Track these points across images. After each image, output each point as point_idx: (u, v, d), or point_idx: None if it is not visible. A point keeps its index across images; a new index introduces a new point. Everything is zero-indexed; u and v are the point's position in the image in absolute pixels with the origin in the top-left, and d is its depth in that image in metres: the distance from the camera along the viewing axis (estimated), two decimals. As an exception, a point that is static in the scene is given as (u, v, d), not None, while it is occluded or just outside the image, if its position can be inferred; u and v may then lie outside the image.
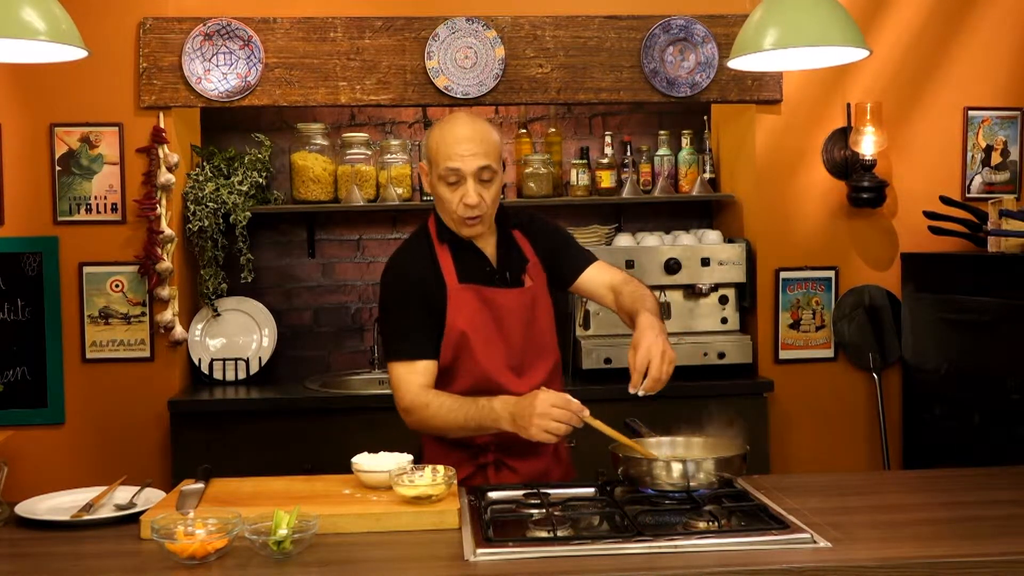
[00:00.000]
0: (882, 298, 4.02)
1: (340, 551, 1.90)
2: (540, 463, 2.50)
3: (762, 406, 3.81)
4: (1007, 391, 3.31)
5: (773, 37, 2.40)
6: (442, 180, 2.36)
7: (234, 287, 4.03)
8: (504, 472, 2.47)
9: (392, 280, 2.46)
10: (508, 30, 3.86)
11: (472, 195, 2.33)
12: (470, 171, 2.33)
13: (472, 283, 2.41)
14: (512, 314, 2.43)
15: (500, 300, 2.42)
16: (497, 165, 2.37)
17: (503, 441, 2.41)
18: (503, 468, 2.47)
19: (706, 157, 4.21)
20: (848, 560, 1.80)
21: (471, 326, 2.39)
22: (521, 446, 2.38)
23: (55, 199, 3.74)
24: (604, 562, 1.81)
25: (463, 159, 2.32)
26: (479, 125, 2.38)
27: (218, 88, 3.76)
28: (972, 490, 2.30)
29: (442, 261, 2.43)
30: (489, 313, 2.41)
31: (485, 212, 2.38)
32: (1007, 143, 4.08)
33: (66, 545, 1.97)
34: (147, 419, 3.76)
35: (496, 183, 2.38)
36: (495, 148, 2.38)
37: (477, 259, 2.45)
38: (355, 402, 3.71)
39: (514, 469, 2.47)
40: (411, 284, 2.41)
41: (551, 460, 2.53)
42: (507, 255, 2.48)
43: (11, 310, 3.74)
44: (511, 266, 2.47)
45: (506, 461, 2.47)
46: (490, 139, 2.37)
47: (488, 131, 2.38)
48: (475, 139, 2.34)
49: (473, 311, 2.40)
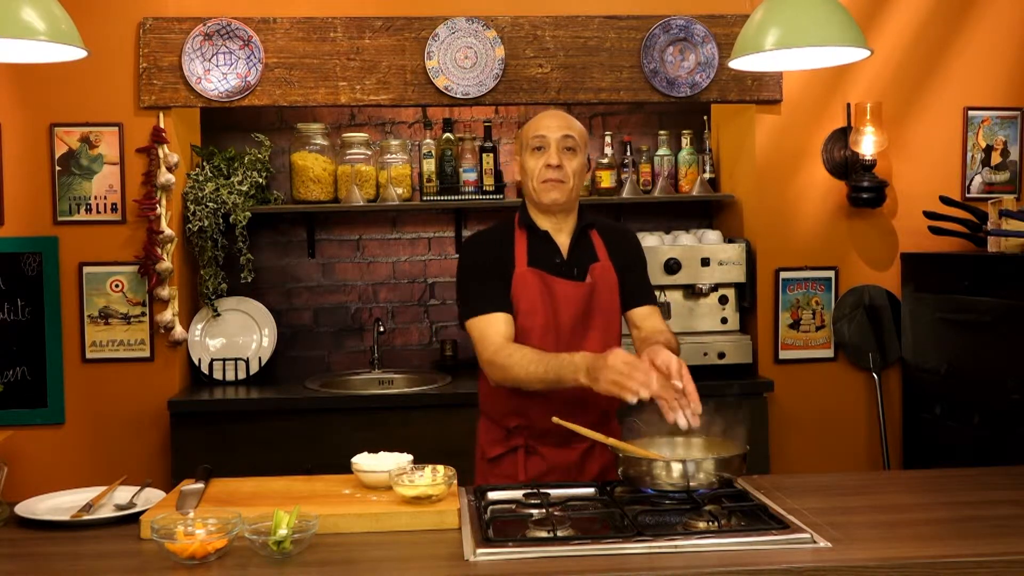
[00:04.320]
0: (882, 298, 4.02)
1: (340, 551, 1.90)
2: (571, 455, 2.52)
3: (762, 406, 3.81)
4: (1007, 391, 3.31)
5: (774, 37, 2.40)
6: (529, 150, 2.52)
7: (234, 287, 4.03)
8: (534, 459, 2.51)
9: (470, 250, 2.62)
10: (508, 30, 3.86)
11: (554, 156, 2.49)
12: (555, 138, 2.50)
13: (539, 268, 2.51)
14: (570, 305, 2.50)
15: (561, 289, 2.51)
16: (581, 147, 2.54)
17: (536, 428, 2.48)
18: (533, 454, 2.52)
19: (706, 157, 4.21)
20: (848, 560, 1.80)
21: (530, 308, 2.48)
22: (556, 437, 2.47)
23: (55, 199, 3.74)
24: (604, 562, 1.81)
25: (549, 128, 2.52)
26: (568, 115, 2.58)
27: (218, 88, 3.76)
28: (972, 490, 2.30)
29: (517, 244, 2.55)
30: (548, 299, 2.50)
31: (566, 179, 2.50)
32: (1007, 143, 4.08)
33: (66, 545, 1.97)
34: (147, 419, 3.76)
35: (579, 160, 2.53)
36: (581, 133, 2.55)
37: (549, 248, 2.55)
38: (355, 402, 3.71)
39: (543, 456, 2.51)
40: (487, 255, 2.55)
41: (583, 457, 2.54)
42: (578, 249, 2.57)
43: (11, 310, 3.74)
44: (580, 261, 2.56)
45: (537, 448, 2.52)
46: (576, 125, 2.56)
47: (575, 120, 2.57)
48: (562, 118, 2.54)
49: (534, 295, 2.49)
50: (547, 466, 2.50)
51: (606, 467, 2.55)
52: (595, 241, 2.60)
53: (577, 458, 2.53)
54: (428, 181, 4.08)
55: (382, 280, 4.34)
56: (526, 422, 2.51)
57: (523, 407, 2.50)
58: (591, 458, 2.55)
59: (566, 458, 2.51)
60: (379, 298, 4.34)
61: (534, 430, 2.51)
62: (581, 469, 2.52)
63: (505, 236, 2.57)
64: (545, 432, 2.47)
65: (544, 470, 2.50)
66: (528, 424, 2.51)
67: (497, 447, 2.56)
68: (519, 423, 2.52)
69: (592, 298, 2.53)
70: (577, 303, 2.51)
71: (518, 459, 2.52)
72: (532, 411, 2.49)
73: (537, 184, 2.51)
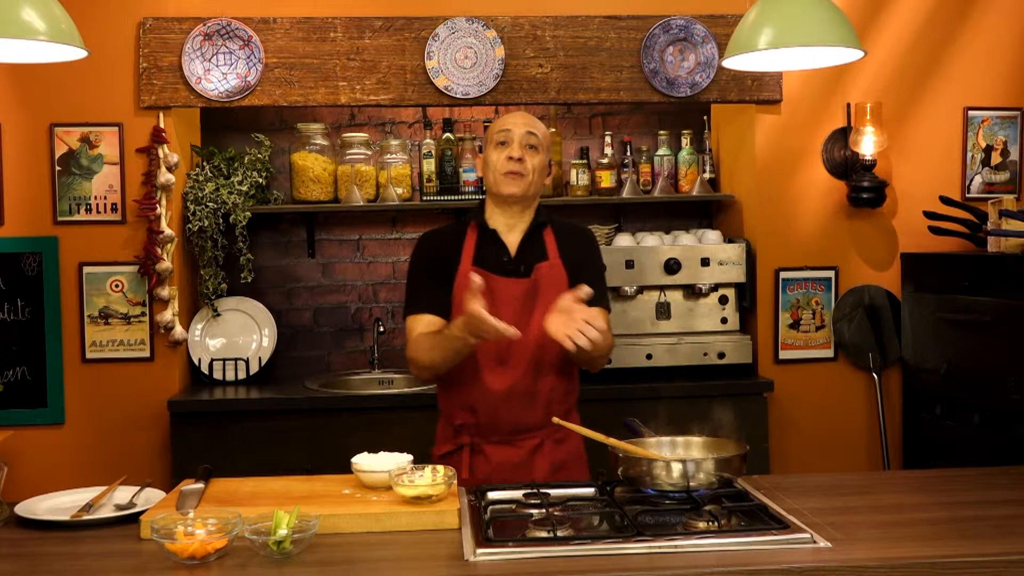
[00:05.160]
0: (882, 298, 4.02)
1: (340, 551, 1.90)
2: (517, 454, 2.54)
3: (762, 406, 3.81)
4: (1007, 391, 3.31)
5: (767, 37, 2.40)
6: (492, 144, 2.59)
7: (234, 287, 4.03)
8: (478, 458, 2.53)
9: (419, 248, 2.68)
10: (508, 30, 3.86)
11: (517, 150, 2.55)
12: (519, 133, 2.57)
13: (483, 267, 2.55)
14: (508, 303, 2.51)
15: (501, 289, 2.53)
16: (544, 147, 2.60)
17: (483, 425, 2.53)
18: (478, 453, 2.54)
19: (706, 157, 4.21)
20: (848, 560, 1.80)
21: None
22: (500, 435, 2.52)
23: (55, 199, 3.74)
24: (604, 562, 1.81)
25: (515, 124, 2.59)
26: (534, 117, 2.66)
27: (218, 88, 3.76)
28: (972, 490, 2.30)
29: (466, 243, 2.60)
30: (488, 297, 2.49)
31: (526, 173, 2.55)
32: (1007, 143, 4.08)
33: (66, 545, 1.97)
34: (147, 419, 3.76)
35: (540, 158, 2.59)
36: (545, 135, 2.62)
37: (496, 247, 2.59)
38: (355, 402, 3.71)
39: (487, 456, 2.53)
40: (433, 252, 2.63)
41: (531, 455, 2.56)
42: (528, 248, 2.60)
43: (11, 310, 3.74)
44: (527, 259, 2.59)
45: (482, 447, 2.55)
46: (542, 126, 2.63)
47: (541, 123, 2.65)
48: (527, 118, 2.63)
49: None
50: (492, 466, 2.52)
51: (557, 466, 2.56)
52: (548, 240, 2.62)
53: (525, 457, 2.55)
54: (428, 181, 4.08)
55: (382, 280, 4.34)
56: (473, 419, 2.55)
57: (470, 403, 2.54)
58: (540, 456, 2.56)
59: (512, 457, 2.53)
60: (379, 298, 4.34)
61: (480, 428, 2.54)
62: (529, 468, 2.53)
63: (456, 235, 2.63)
64: (491, 430, 2.53)
65: (489, 470, 2.52)
66: (475, 422, 2.55)
67: (446, 444, 2.60)
68: (465, 421, 2.56)
69: (534, 296, 2.55)
70: (515, 301, 2.53)
71: (463, 457, 2.55)
72: (479, 407, 2.53)
73: (498, 176, 2.56)
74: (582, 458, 2.66)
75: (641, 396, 3.65)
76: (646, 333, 3.92)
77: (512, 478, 2.43)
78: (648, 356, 3.83)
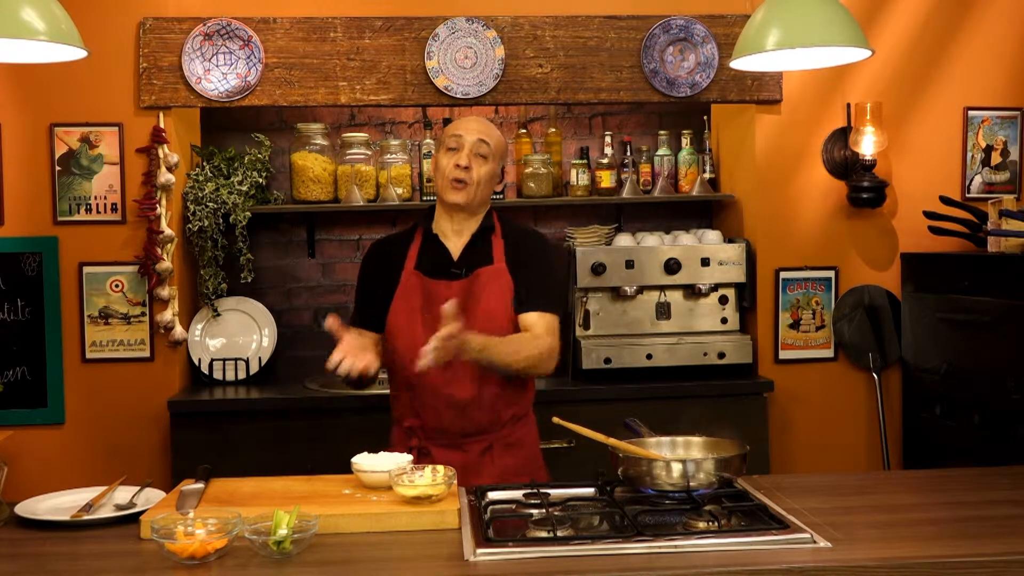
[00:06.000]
0: (882, 298, 4.02)
1: (340, 551, 1.90)
2: (465, 458, 2.54)
3: (762, 406, 3.81)
4: (1007, 391, 3.31)
5: (775, 38, 2.40)
6: (444, 148, 2.59)
7: (234, 287, 4.03)
8: (425, 461, 2.50)
9: (366, 257, 2.75)
10: (508, 30, 3.86)
11: (464, 158, 2.55)
12: (469, 140, 2.57)
13: (423, 271, 2.59)
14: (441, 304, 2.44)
15: (437, 290, 2.55)
16: (495, 155, 2.60)
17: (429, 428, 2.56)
18: (425, 456, 2.55)
19: (706, 157, 4.21)
20: (848, 560, 1.80)
21: (406, 310, 2.56)
22: (447, 437, 2.54)
23: (55, 199, 3.74)
24: (604, 562, 1.81)
25: (467, 131, 2.59)
26: (491, 124, 2.66)
27: (218, 88, 3.76)
28: (972, 490, 2.30)
29: (411, 248, 2.64)
30: (423, 301, 2.56)
31: (471, 182, 2.55)
32: (1007, 143, 4.08)
33: (66, 545, 1.97)
34: (147, 419, 3.76)
35: (489, 167, 2.59)
36: (498, 143, 2.62)
37: (439, 252, 2.61)
38: (355, 402, 3.71)
39: (434, 458, 2.52)
40: (377, 263, 2.68)
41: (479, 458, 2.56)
42: (472, 252, 2.61)
43: (11, 310, 3.74)
44: (471, 263, 2.60)
45: (429, 448, 2.56)
46: (495, 133, 2.63)
47: (496, 130, 2.65)
48: (482, 124, 2.63)
49: (412, 297, 2.57)
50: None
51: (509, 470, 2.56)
52: (495, 244, 2.62)
53: (474, 459, 2.55)
54: (428, 181, 4.08)
55: (382, 280, 4.34)
56: (419, 422, 2.57)
57: (415, 407, 2.56)
58: (490, 460, 2.56)
59: (460, 459, 2.51)
60: (379, 298, 4.34)
61: (427, 431, 2.57)
62: (479, 472, 2.52)
63: (403, 241, 2.67)
64: (437, 434, 2.55)
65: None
66: (421, 424, 2.57)
67: (398, 447, 2.59)
68: (412, 424, 2.59)
69: (469, 298, 2.53)
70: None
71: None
72: (424, 411, 2.55)
73: (444, 182, 2.57)
74: (540, 465, 2.66)
75: (641, 396, 3.65)
76: (646, 333, 3.92)
77: (461, 481, 2.35)
78: (648, 356, 3.83)
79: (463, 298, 2.51)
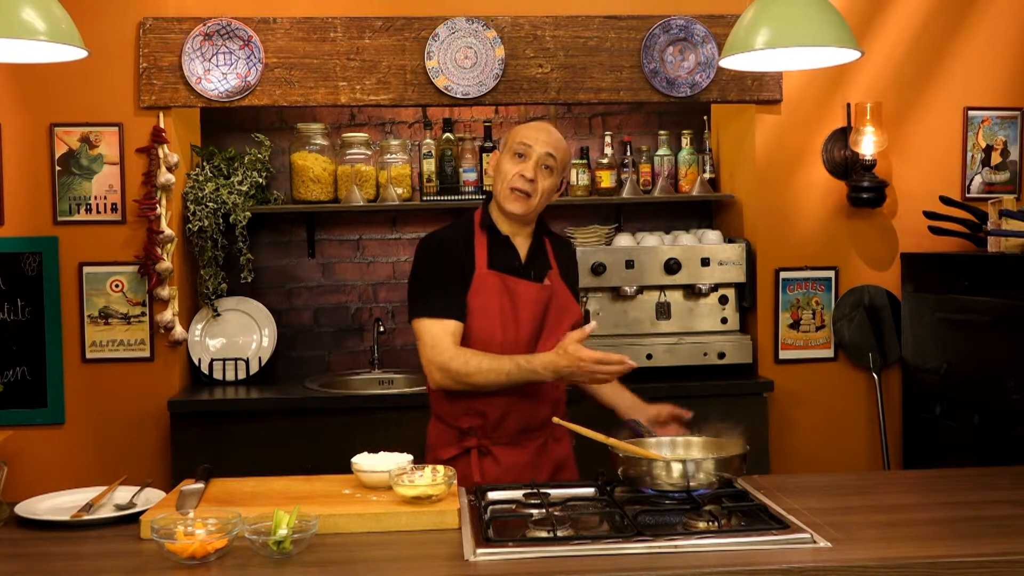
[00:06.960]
0: (882, 298, 4.02)
1: (340, 551, 1.90)
2: (524, 455, 2.54)
3: (762, 406, 3.81)
4: (1007, 391, 3.31)
5: (764, 37, 2.39)
6: (510, 152, 2.55)
7: (234, 287, 4.03)
8: (487, 460, 2.52)
9: (430, 248, 2.58)
10: (508, 30, 3.86)
11: (530, 169, 2.51)
12: (538, 152, 2.53)
13: (499, 271, 2.54)
14: (529, 306, 2.54)
15: (521, 291, 2.54)
16: (559, 169, 2.57)
17: (489, 428, 2.51)
18: (486, 455, 2.53)
19: (706, 157, 4.21)
20: (848, 560, 1.80)
21: (489, 310, 2.51)
22: (508, 436, 2.52)
23: (55, 199, 3.74)
24: (604, 562, 1.81)
25: (537, 141, 2.54)
26: (560, 135, 2.61)
27: (218, 88, 3.76)
28: (972, 490, 2.30)
29: (477, 246, 2.56)
30: (509, 301, 2.53)
31: (534, 195, 2.53)
32: (1007, 143, 4.08)
33: (66, 545, 1.97)
34: (147, 419, 3.76)
35: (552, 180, 2.57)
36: (564, 156, 2.59)
37: (509, 251, 2.58)
38: (355, 402, 3.71)
39: (497, 458, 2.52)
40: (448, 253, 2.55)
41: (536, 455, 2.56)
42: (535, 255, 2.62)
43: (11, 310, 3.74)
44: (537, 265, 2.61)
45: (490, 449, 2.53)
46: (564, 147, 2.59)
47: (564, 142, 2.61)
48: (552, 135, 2.57)
49: (493, 297, 2.51)
50: (501, 467, 2.51)
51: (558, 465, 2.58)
52: (548, 249, 2.66)
53: (531, 458, 2.55)
54: (428, 181, 4.08)
55: (382, 280, 4.34)
56: (480, 422, 2.53)
57: (477, 407, 2.51)
58: (544, 457, 2.57)
59: (519, 458, 2.53)
60: (379, 298, 4.34)
61: (488, 430, 2.53)
62: (536, 468, 2.53)
63: (466, 237, 2.58)
64: (499, 432, 2.52)
65: (499, 472, 2.50)
66: (482, 424, 2.53)
67: (451, 449, 2.55)
68: (472, 424, 2.54)
69: (552, 301, 2.58)
70: (537, 305, 2.55)
71: (472, 461, 2.52)
72: (489, 411, 2.51)
73: (506, 189, 2.53)
74: (572, 457, 2.67)
75: (641, 396, 3.64)
76: (646, 333, 3.92)
77: (522, 478, 2.43)
78: (648, 356, 3.83)
79: (544, 299, 2.56)
